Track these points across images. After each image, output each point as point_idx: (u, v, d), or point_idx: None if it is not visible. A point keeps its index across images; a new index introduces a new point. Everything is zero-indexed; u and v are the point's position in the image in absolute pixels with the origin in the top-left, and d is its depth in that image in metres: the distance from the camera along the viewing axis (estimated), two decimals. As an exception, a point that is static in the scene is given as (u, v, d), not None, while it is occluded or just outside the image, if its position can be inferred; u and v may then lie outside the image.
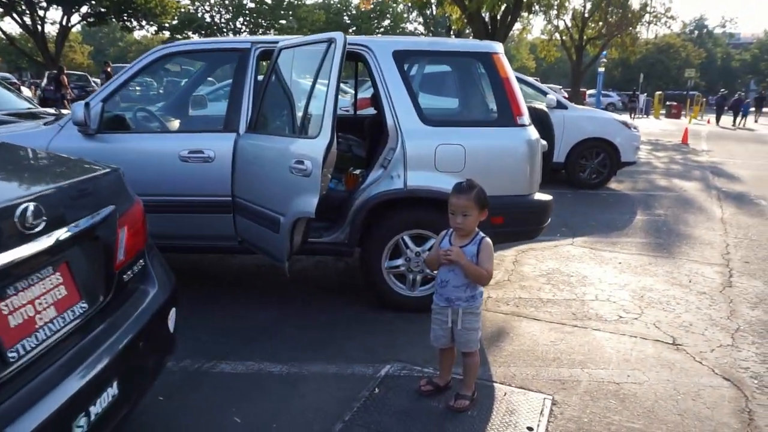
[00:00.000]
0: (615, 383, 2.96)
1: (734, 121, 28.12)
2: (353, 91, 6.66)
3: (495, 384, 2.90)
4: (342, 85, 14.04)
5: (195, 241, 3.80)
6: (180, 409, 2.65)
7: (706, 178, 10.22)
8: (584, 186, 8.51)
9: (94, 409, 1.62)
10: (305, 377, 2.94)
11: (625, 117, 9.27)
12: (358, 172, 4.26)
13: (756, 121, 30.70)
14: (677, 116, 31.96)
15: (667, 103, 33.95)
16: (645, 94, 34.27)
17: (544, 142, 4.02)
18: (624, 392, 2.87)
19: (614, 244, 5.62)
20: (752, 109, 31.11)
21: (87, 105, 3.50)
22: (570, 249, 5.42)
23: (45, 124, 4.03)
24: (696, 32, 68.22)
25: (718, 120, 29.12)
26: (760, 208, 7.71)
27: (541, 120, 4.33)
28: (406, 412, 2.63)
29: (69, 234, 1.72)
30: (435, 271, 2.70)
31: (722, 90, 34.53)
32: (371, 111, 5.54)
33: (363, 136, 5.20)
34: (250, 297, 3.98)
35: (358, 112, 5.95)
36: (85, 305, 1.77)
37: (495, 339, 3.41)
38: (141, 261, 2.18)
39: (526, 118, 3.77)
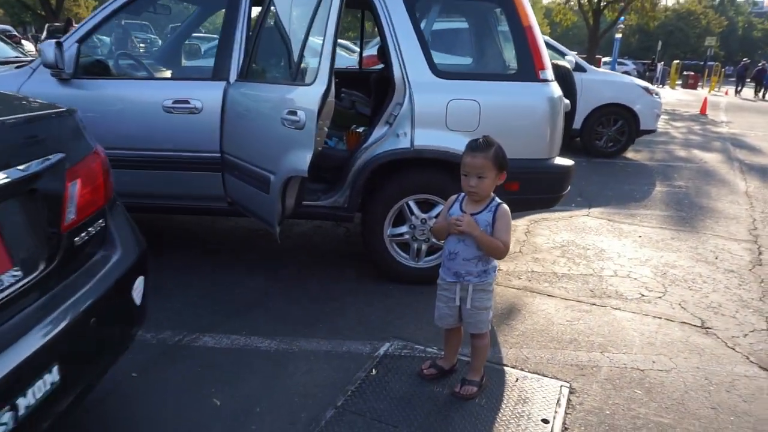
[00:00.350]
0: (639, 370, 2.66)
1: (755, 92, 27.21)
2: (359, 50, 6.21)
3: (506, 368, 2.61)
4: (347, 43, 13.50)
5: (181, 201, 3.47)
6: (154, 387, 2.37)
7: (727, 150, 9.76)
8: (600, 154, 8.09)
9: (24, 401, 1.32)
10: (295, 355, 2.65)
11: (646, 83, 8.75)
12: (361, 130, 3.89)
13: (765, 96, 29.79)
14: (694, 87, 30.95)
15: (684, 72, 32.87)
16: (662, 62, 33.18)
17: (567, 102, 3.62)
18: (650, 381, 2.58)
19: (633, 216, 5.26)
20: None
21: (59, 45, 3.12)
22: (586, 220, 5.07)
23: (17, 67, 3.66)
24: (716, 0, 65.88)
25: (739, 91, 28.20)
26: (786, 182, 7.29)
27: (563, 77, 3.92)
28: (406, 398, 2.34)
29: (-4, 185, 1.39)
30: (442, 242, 2.37)
31: (744, 59, 33.32)
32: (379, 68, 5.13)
33: (368, 93, 4.80)
34: (241, 264, 3.68)
35: (364, 69, 5.53)
36: (18, 273, 1.46)
37: (506, 316, 3.11)
38: (100, 222, 1.86)
39: (549, 72, 3.37)
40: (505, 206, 2.23)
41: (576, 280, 3.69)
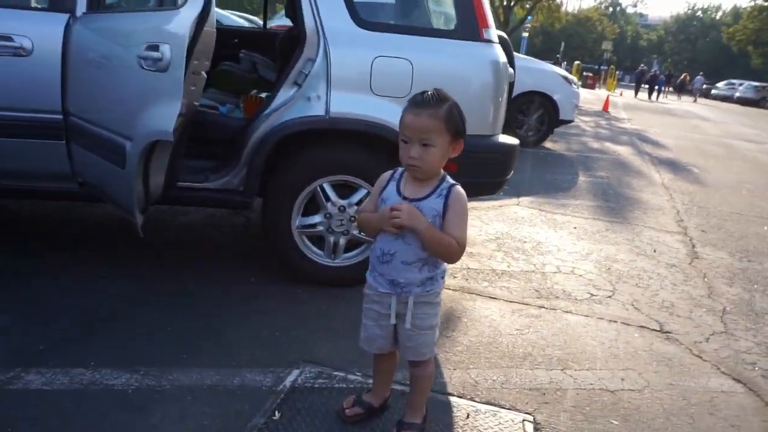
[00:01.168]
0: (609, 391, 2.16)
1: (650, 95, 29.29)
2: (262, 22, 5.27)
3: (452, 398, 2.00)
4: (250, 17, 12.28)
5: (11, 182, 2.54)
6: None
7: (634, 144, 9.95)
8: (521, 143, 7.79)
9: None
10: (164, 395, 1.88)
11: (565, 72, 8.63)
12: (263, 95, 3.12)
13: (664, 97, 32.17)
14: (592, 87, 32.63)
15: (584, 73, 34.66)
16: (565, 63, 34.75)
17: (511, 71, 3.09)
18: (624, 405, 2.08)
19: (564, 207, 4.91)
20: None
21: None
22: (517, 210, 4.63)
23: None
24: (611, 9, 70.72)
25: (636, 92, 30.20)
26: (695, 175, 7.41)
27: (501, 44, 3.39)
28: (322, 455, 1.66)
29: None
30: (373, 237, 1.70)
31: (642, 65, 35.91)
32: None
33: (274, 57, 4.02)
34: (103, 264, 2.79)
35: (270, 29, 4.72)
36: None
37: (445, 326, 2.51)
38: None
39: (493, 32, 2.81)
40: (460, 189, 1.59)
41: (518, 278, 3.18)
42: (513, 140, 2.96)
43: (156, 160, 1.95)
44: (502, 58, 2.83)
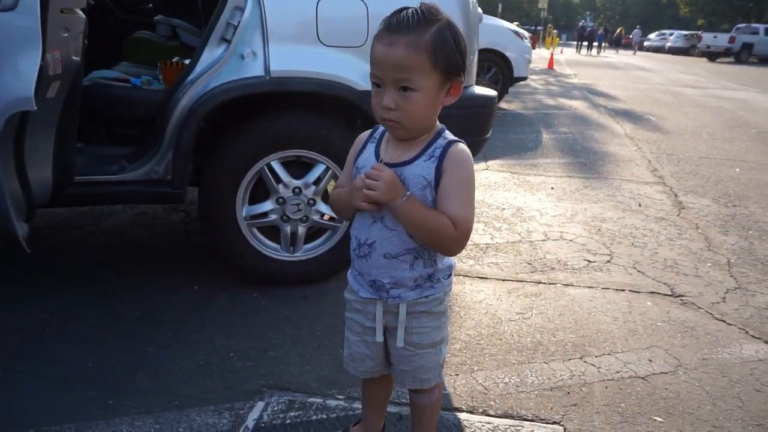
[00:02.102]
0: (640, 378, 1.81)
1: (589, 49, 29.85)
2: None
3: (461, 415, 1.60)
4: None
5: None
6: None
7: (587, 98, 9.78)
8: (476, 106, 7.44)
9: None
10: (80, 465, 1.38)
11: (515, 27, 8.27)
12: (187, 62, 2.55)
13: (603, 51, 32.68)
14: (533, 47, 32.83)
15: (523, 34, 34.72)
16: (503, 24, 34.68)
17: (480, 12, 2.65)
18: (661, 394, 1.74)
19: (535, 167, 4.57)
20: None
21: None
22: (488, 175, 4.25)
23: None
24: (542, -32, 71.11)
25: (578, 49, 30.63)
26: (653, 123, 7.25)
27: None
28: None
29: None
30: (348, 221, 1.23)
31: (581, 22, 36.42)
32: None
33: (197, 23, 3.42)
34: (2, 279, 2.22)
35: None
36: None
37: (435, 320, 2.09)
38: None
39: (457, -38, 2.35)
40: (462, 147, 1.13)
41: (505, 251, 2.80)
42: (490, 91, 2.54)
43: (34, 146, 1.41)
44: (471, -4, 2.38)
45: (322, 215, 2.25)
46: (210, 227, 2.21)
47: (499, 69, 7.42)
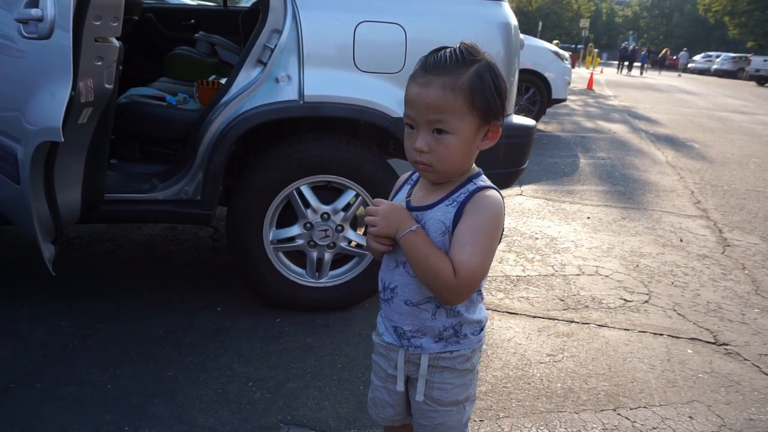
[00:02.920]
0: (679, 437, 1.69)
1: (630, 69, 29.60)
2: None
3: (484, 468, 1.51)
4: None
5: None
6: None
7: (627, 121, 9.53)
8: (512, 126, 7.33)
9: None
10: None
11: (555, 47, 8.14)
12: (223, 81, 2.57)
13: (645, 72, 32.07)
14: (573, 66, 32.42)
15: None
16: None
17: (522, 37, 2.59)
18: (703, 458, 1.62)
19: (571, 194, 4.44)
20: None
21: None
22: (522, 201, 4.15)
23: None
24: (585, -14, 70.41)
25: (620, 69, 30.35)
26: (697, 151, 7.00)
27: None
28: None
29: None
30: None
31: (625, 43, 35.99)
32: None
33: (237, 39, 3.46)
34: (16, 299, 2.24)
35: (231, 7, 4.13)
36: None
37: (461, 358, 2.01)
38: None
39: (499, -11, 2.30)
40: (493, 194, 1.03)
41: (537, 285, 2.70)
42: (529, 121, 2.46)
43: (64, 171, 1.41)
44: (513, 19, 2.32)
45: (350, 242, 2.21)
46: (236, 249, 2.19)
47: (537, 90, 7.31)
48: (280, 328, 2.14)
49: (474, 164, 1.08)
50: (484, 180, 1.07)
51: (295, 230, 2.16)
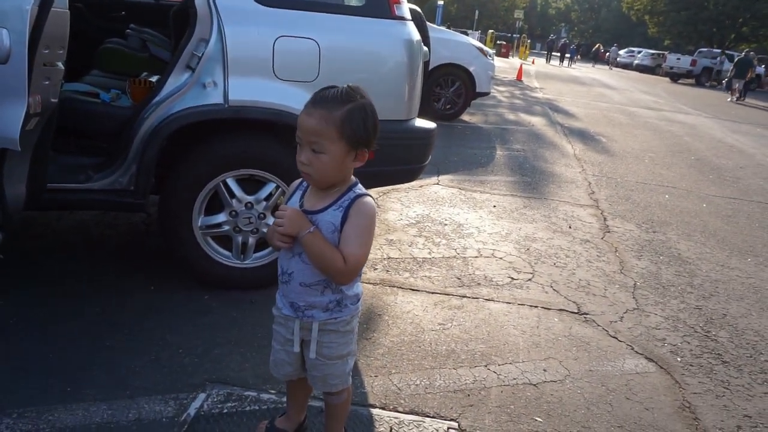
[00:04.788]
0: (532, 385, 2.14)
1: (561, 61, 31.05)
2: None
3: (374, 411, 1.89)
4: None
5: None
6: None
7: (547, 114, 10.24)
8: (438, 117, 7.75)
9: None
10: (40, 442, 1.61)
11: (479, 43, 8.62)
12: (153, 79, 2.78)
13: (574, 64, 33.65)
14: (506, 55, 33.48)
15: (497, 42, 35.37)
16: (479, 31, 35.24)
17: (426, 49, 2.94)
18: (547, 399, 2.06)
19: (483, 183, 4.91)
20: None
21: None
22: (438, 190, 4.57)
23: None
24: (521, -23, 72.26)
25: (548, 60, 31.77)
26: (603, 144, 7.72)
27: (414, 20, 3.23)
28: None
29: None
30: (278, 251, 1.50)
31: (552, 35, 37.52)
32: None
33: (167, 33, 3.62)
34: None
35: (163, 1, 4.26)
36: None
37: (366, 328, 2.38)
38: None
39: (405, 8, 2.64)
40: (366, 200, 1.38)
41: (439, 266, 3.11)
42: (430, 124, 2.83)
43: (11, 168, 1.63)
44: (416, 36, 2.67)
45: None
46: (168, 234, 2.44)
47: (462, 83, 7.77)
48: (208, 304, 2.42)
49: (352, 176, 1.42)
50: (360, 189, 1.42)
51: (221, 217, 2.43)
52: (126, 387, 1.86)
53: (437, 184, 4.73)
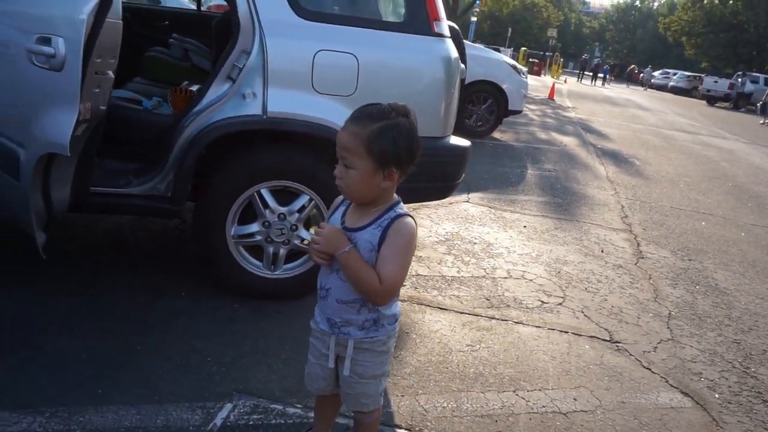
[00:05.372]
0: (562, 414, 2.08)
1: (593, 80, 30.86)
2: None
3: (398, 431, 1.86)
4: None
5: None
6: None
7: (579, 134, 10.12)
8: (470, 134, 7.73)
9: None
10: (70, 444, 1.63)
11: (513, 61, 8.60)
12: (194, 88, 2.83)
13: (607, 84, 33.29)
14: (538, 73, 33.29)
15: (530, 60, 35.24)
16: (512, 48, 35.16)
17: (463, 66, 2.93)
18: (577, 430, 2.00)
19: (513, 203, 4.86)
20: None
21: None
22: (467, 208, 4.53)
23: None
24: (555, -5, 72.08)
25: (579, 79, 31.66)
26: (636, 167, 7.58)
27: (452, 38, 3.23)
28: None
29: None
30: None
31: (585, 55, 37.30)
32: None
33: (210, 43, 3.70)
34: None
35: (205, 12, 4.36)
36: None
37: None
38: None
39: (444, 26, 2.64)
40: (408, 221, 1.36)
41: (468, 285, 3.07)
42: (465, 142, 2.82)
43: (58, 171, 1.67)
44: (454, 53, 2.66)
45: (302, 240, 2.52)
46: (201, 241, 2.46)
47: (495, 101, 7.74)
48: (237, 312, 2.43)
49: (395, 194, 1.41)
50: (401, 208, 1.41)
51: (254, 227, 2.45)
52: (156, 392, 1.87)
53: (467, 201, 4.70)
